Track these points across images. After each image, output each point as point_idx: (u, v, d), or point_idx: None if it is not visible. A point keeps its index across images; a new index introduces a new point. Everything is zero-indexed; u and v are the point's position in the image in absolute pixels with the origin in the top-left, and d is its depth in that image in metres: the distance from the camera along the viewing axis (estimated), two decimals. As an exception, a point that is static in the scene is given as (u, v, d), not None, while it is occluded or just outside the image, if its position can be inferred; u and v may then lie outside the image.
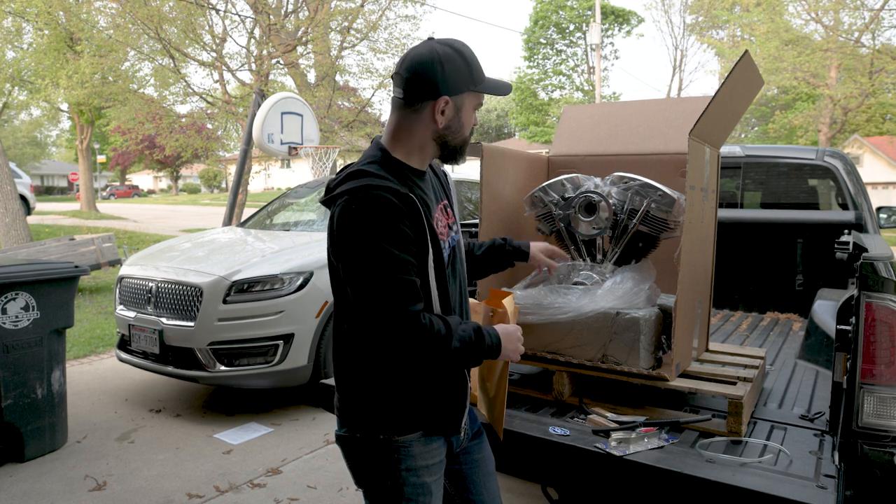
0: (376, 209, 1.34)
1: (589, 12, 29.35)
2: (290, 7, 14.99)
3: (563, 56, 32.27)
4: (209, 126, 17.32)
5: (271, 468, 3.49)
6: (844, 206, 3.97)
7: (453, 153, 1.55)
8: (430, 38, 1.49)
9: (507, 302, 1.83)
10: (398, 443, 1.48)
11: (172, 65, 14.06)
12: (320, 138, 10.58)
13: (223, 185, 53.77)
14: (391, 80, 1.54)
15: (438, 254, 1.47)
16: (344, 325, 1.50)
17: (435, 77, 1.42)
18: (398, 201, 1.36)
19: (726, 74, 2.19)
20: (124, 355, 4.51)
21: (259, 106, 8.67)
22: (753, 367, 2.33)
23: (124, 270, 4.70)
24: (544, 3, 31.23)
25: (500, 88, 1.55)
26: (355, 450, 1.52)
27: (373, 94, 16.23)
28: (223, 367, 4.08)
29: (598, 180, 2.46)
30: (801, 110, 23.24)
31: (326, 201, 1.46)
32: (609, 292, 2.21)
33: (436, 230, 1.47)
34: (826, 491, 1.64)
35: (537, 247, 2.07)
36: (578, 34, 31.65)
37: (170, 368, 4.18)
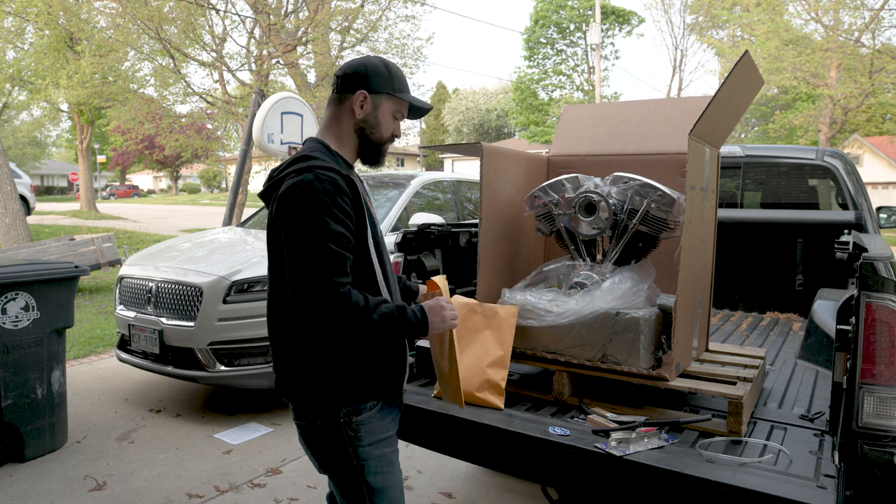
0: (319, 184, 1.48)
1: (589, 12, 29.34)
2: (290, 7, 14.98)
3: (564, 56, 32.25)
4: (209, 126, 17.31)
5: (271, 468, 3.49)
6: (844, 206, 3.97)
7: (372, 150, 1.71)
8: (369, 55, 1.71)
9: (438, 280, 1.96)
10: (357, 422, 1.59)
11: (172, 65, 14.05)
12: (320, 138, 10.55)
13: (223, 185, 53.77)
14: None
15: (377, 232, 1.62)
16: (283, 312, 1.59)
17: (357, 75, 1.66)
18: (340, 179, 1.52)
19: (726, 74, 2.19)
20: (124, 355, 4.51)
21: (259, 106, 8.67)
22: (753, 367, 2.33)
23: (124, 270, 4.70)
24: (545, 3, 31.21)
25: (418, 101, 1.74)
26: (316, 437, 1.62)
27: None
28: (223, 367, 4.08)
29: (598, 180, 2.46)
30: (801, 110, 23.22)
31: (270, 188, 1.59)
32: (609, 292, 2.21)
33: (373, 211, 1.63)
34: (826, 491, 1.64)
35: (424, 294, 2.04)
36: (579, 34, 31.63)
37: (170, 368, 4.18)
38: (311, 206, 1.47)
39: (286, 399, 1.67)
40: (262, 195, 1.66)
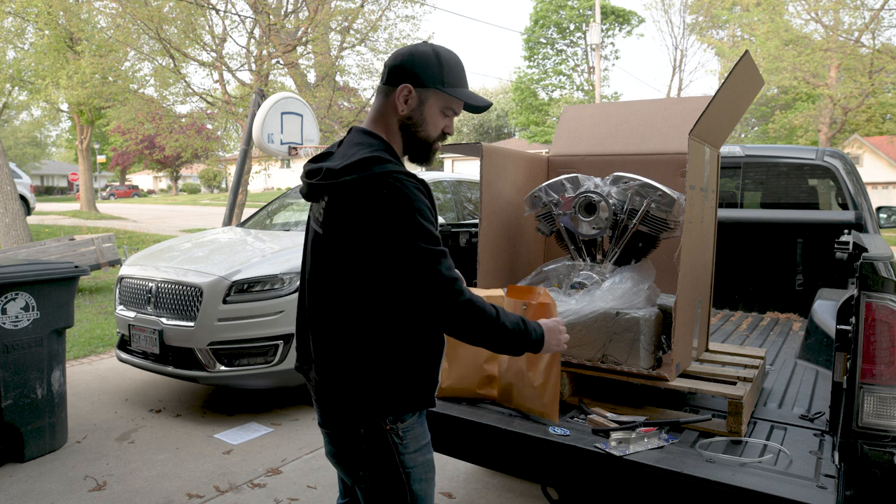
0: (408, 191, 1.39)
1: (589, 12, 29.34)
2: (290, 7, 14.98)
3: (564, 56, 32.26)
4: (209, 126, 17.31)
5: (271, 468, 3.49)
6: (844, 206, 3.97)
7: (420, 149, 1.57)
8: (424, 41, 1.54)
9: (544, 296, 1.93)
10: (402, 428, 1.51)
11: (172, 65, 14.05)
12: (320, 138, 10.57)
13: (223, 185, 53.77)
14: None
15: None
16: (340, 317, 1.48)
17: (404, 66, 1.51)
18: (418, 182, 1.43)
19: (726, 74, 2.19)
20: (124, 355, 4.51)
21: (259, 106, 8.67)
22: (753, 367, 2.33)
23: (124, 270, 4.70)
24: (545, 3, 31.22)
25: (473, 98, 1.56)
26: (359, 445, 1.51)
27: (373, 95, 16.23)
28: (223, 367, 4.08)
29: (598, 180, 2.46)
30: (801, 110, 23.23)
31: (329, 186, 1.44)
32: (609, 292, 2.21)
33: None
34: (826, 491, 1.64)
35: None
36: (579, 34, 31.64)
37: (170, 368, 4.18)
38: (408, 215, 1.38)
39: (325, 406, 1.55)
40: (310, 191, 1.51)
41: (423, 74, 1.51)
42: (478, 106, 1.57)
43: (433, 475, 1.58)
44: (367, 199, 1.39)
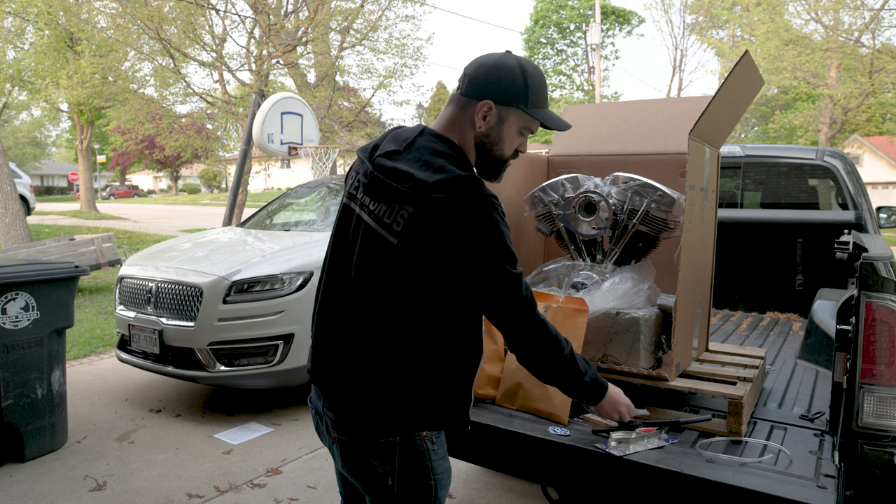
0: (497, 214, 1.39)
1: (589, 12, 29.36)
2: (290, 7, 14.99)
3: (564, 56, 32.31)
4: (209, 126, 17.32)
5: (271, 468, 3.49)
6: (844, 206, 3.97)
7: (492, 166, 1.54)
8: (508, 52, 1.52)
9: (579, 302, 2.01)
10: (432, 436, 1.48)
11: (172, 65, 14.06)
12: (320, 138, 10.58)
13: (223, 185, 53.77)
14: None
15: None
16: (390, 326, 1.42)
17: (488, 80, 1.45)
18: (501, 206, 1.42)
19: (726, 74, 2.19)
20: (124, 355, 4.51)
21: (259, 106, 8.67)
22: (753, 367, 2.33)
23: (124, 270, 4.70)
24: (545, 3, 31.26)
25: (554, 121, 1.53)
26: (391, 454, 1.45)
27: (373, 95, 16.26)
28: (223, 367, 4.08)
29: (598, 180, 2.46)
30: (801, 110, 23.25)
31: (419, 198, 1.37)
32: (609, 292, 2.21)
33: None
34: (826, 491, 1.64)
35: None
36: (579, 34, 31.67)
37: (170, 368, 4.18)
38: (499, 238, 1.38)
39: (350, 414, 1.47)
40: (384, 191, 1.42)
41: (507, 92, 1.45)
42: (557, 128, 1.55)
43: (450, 480, 1.57)
44: (461, 220, 1.35)
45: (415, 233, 1.38)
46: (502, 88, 1.45)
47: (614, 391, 1.68)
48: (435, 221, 1.36)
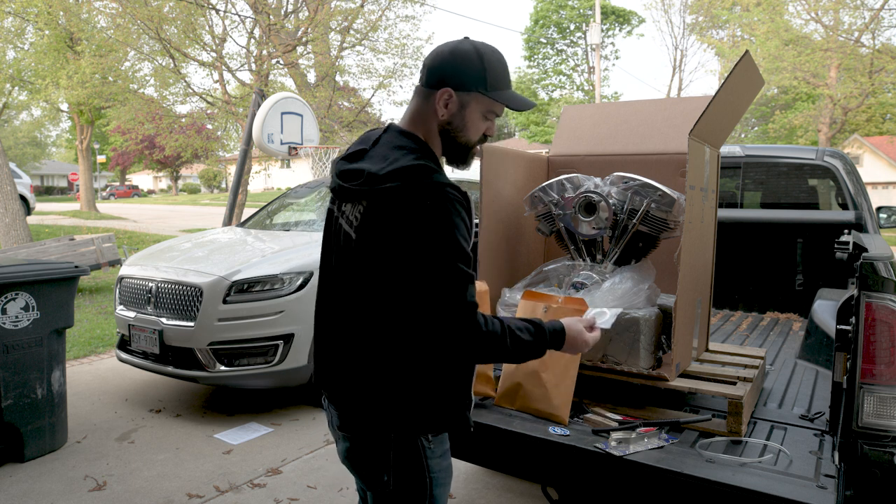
0: (451, 204, 1.34)
1: (589, 12, 29.36)
2: (290, 7, 14.99)
3: (564, 56, 32.31)
4: (209, 126, 17.32)
5: (271, 468, 3.49)
6: (844, 206, 3.98)
7: (459, 152, 1.52)
8: (466, 38, 1.50)
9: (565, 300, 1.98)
10: (428, 434, 1.48)
11: (172, 65, 14.06)
12: (320, 138, 10.57)
13: (223, 185, 53.76)
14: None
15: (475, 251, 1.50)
16: (373, 324, 1.43)
17: (445, 68, 1.44)
18: (461, 196, 1.37)
19: (726, 74, 2.19)
20: (124, 355, 4.51)
21: (259, 106, 8.67)
22: (753, 367, 2.33)
23: (124, 270, 4.70)
24: (545, 3, 31.27)
25: (516, 101, 1.51)
26: (387, 450, 1.46)
27: (373, 95, 16.26)
28: (223, 367, 4.08)
29: (598, 180, 2.46)
30: (801, 110, 23.25)
31: (370, 191, 1.38)
32: (609, 292, 2.21)
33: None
34: (826, 491, 1.64)
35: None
36: (579, 34, 31.67)
37: (170, 368, 4.18)
38: (445, 228, 1.33)
39: (350, 411, 1.48)
40: (345, 193, 1.45)
41: (464, 77, 1.43)
42: (520, 108, 1.51)
43: (451, 481, 1.56)
44: (408, 208, 1.34)
45: (368, 226, 1.39)
46: (460, 74, 1.43)
47: (570, 329, 1.53)
48: (385, 211, 1.36)
